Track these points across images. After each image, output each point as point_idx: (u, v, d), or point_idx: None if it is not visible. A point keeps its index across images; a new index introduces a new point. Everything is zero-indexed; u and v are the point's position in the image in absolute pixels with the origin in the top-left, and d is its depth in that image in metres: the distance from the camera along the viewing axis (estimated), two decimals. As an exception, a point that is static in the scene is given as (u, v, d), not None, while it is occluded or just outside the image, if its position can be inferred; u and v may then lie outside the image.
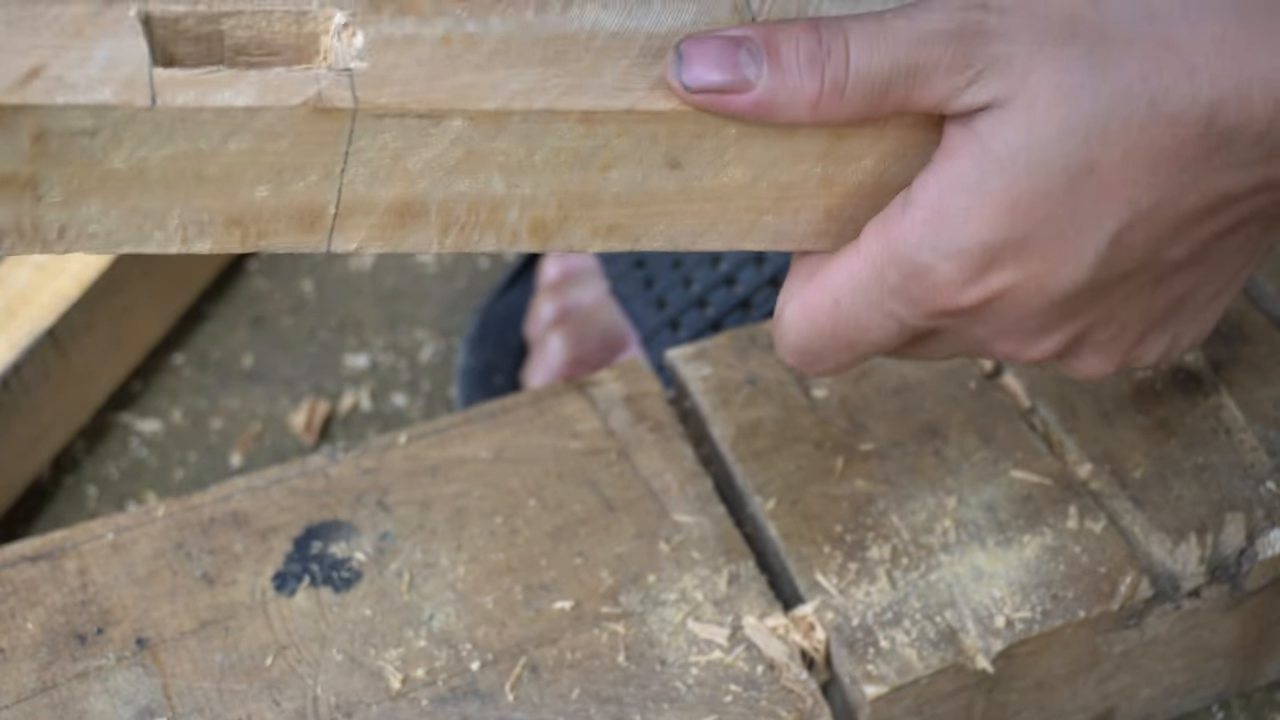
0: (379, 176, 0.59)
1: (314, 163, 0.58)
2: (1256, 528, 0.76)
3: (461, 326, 1.04)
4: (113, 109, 0.55)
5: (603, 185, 0.62)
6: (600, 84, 0.60)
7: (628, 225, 0.63)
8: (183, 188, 0.58)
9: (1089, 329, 0.64)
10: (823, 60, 0.59)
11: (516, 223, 0.62)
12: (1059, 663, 0.75)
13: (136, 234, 0.59)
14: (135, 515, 0.76)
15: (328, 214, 0.60)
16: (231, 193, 0.58)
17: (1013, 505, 0.77)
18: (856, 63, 0.59)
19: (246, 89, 0.56)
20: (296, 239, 0.60)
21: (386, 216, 0.61)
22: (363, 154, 0.59)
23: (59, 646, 0.72)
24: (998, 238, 0.60)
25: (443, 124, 0.58)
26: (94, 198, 0.57)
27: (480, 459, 0.79)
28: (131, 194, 0.57)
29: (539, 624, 0.73)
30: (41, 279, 0.93)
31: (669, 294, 0.95)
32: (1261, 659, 0.82)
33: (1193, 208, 0.60)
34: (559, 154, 0.60)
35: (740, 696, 0.71)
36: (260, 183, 0.58)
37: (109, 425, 0.99)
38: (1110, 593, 0.74)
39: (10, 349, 0.90)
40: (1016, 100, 0.58)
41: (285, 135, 0.57)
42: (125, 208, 0.58)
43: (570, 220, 0.63)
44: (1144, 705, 0.81)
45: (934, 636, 0.73)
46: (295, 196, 0.59)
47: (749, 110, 0.59)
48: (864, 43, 0.59)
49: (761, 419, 0.80)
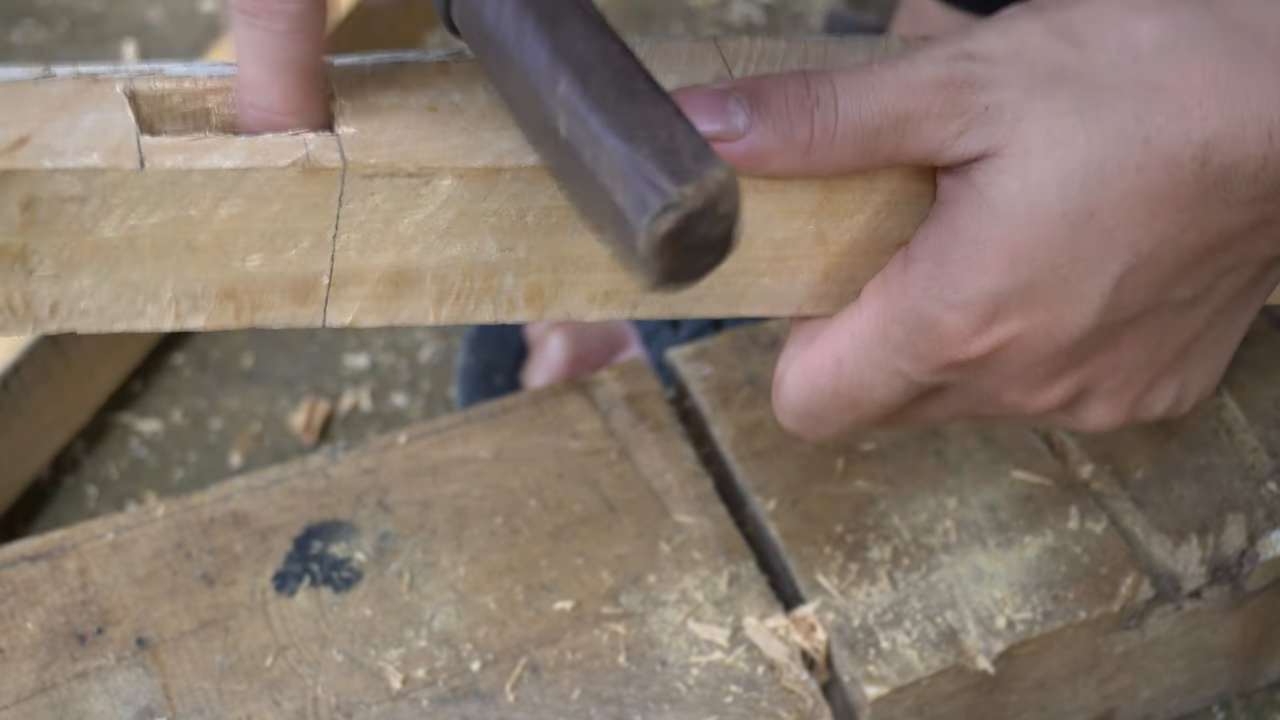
0: (371, 242, 0.59)
1: (305, 228, 0.58)
2: (1257, 528, 0.76)
3: (462, 326, 1.04)
4: (101, 173, 0.55)
5: (597, 248, 0.61)
6: None
7: (625, 289, 0.63)
8: (174, 257, 0.57)
9: (1097, 377, 0.64)
10: (811, 106, 0.58)
11: (513, 290, 0.62)
12: (1060, 663, 0.75)
13: (129, 309, 0.58)
14: (135, 515, 0.76)
15: (321, 284, 0.60)
16: (224, 262, 0.58)
17: (1013, 506, 0.77)
18: (845, 109, 0.58)
19: (235, 152, 0.56)
20: (291, 312, 0.60)
21: (381, 285, 0.60)
22: (354, 217, 0.58)
23: (59, 646, 0.72)
24: (1002, 287, 0.59)
25: (433, 183, 0.58)
26: (86, 270, 0.57)
27: (480, 459, 0.79)
28: (123, 265, 0.57)
29: (539, 624, 0.73)
30: (41, 279, 0.94)
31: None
32: (1262, 659, 0.82)
33: (1193, 247, 0.60)
34: (551, 214, 0.60)
35: (741, 697, 0.71)
36: (253, 251, 0.58)
37: (109, 425, 0.99)
38: (1111, 593, 0.74)
39: (10, 349, 0.90)
40: (1010, 148, 0.58)
41: (275, 199, 0.57)
42: (117, 280, 0.57)
43: (566, 285, 0.62)
44: (1144, 706, 0.81)
45: (935, 637, 0.73)
46: (288, 265, 0.59)
47: (741, 159, 0.59)
48: (852, 90, 0.58)
49: (762, 419, 0.80)
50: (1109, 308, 0.60)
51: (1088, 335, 0.61)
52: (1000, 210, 0.58)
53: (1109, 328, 0.61)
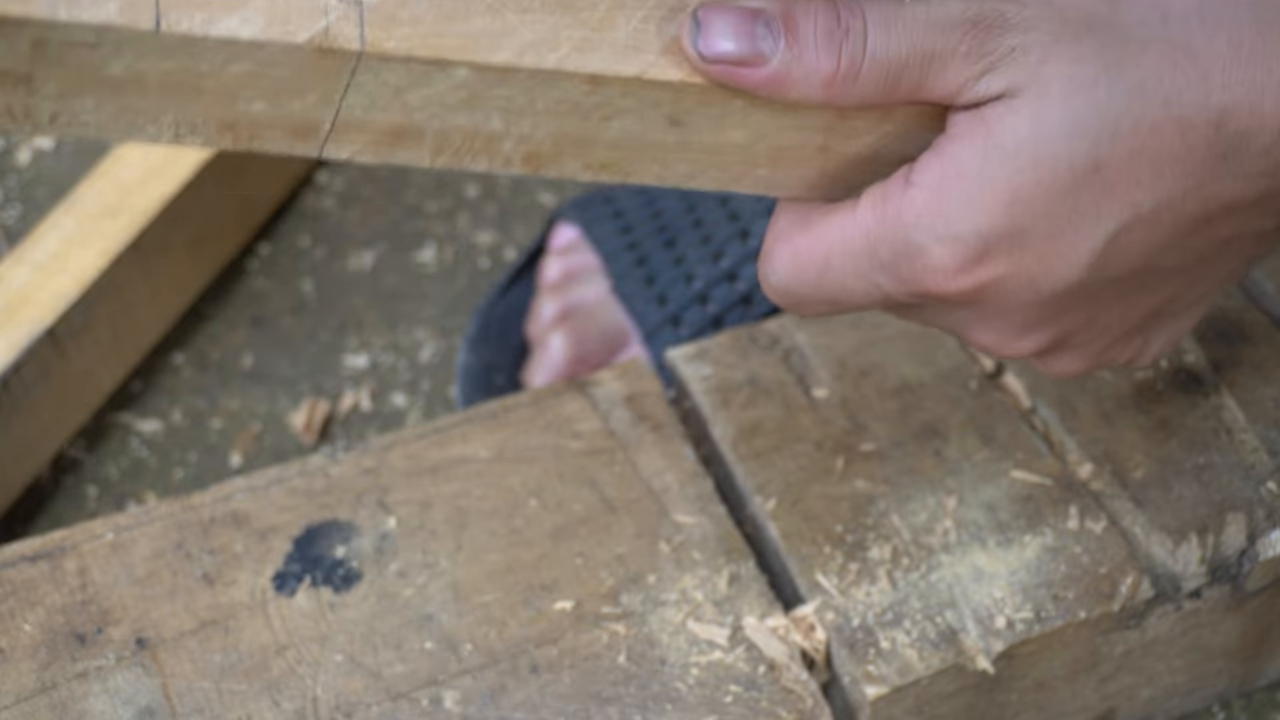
0: (377, 105, 0.59)
1: (313, 88, 0.58)
2: (1257, 528, 0.76)
3: (462, 326, 1.04)
4: (115, 29, 0.54)
5: (601, 131, 0.61)
6: (612, 40, 0.59)
7: (620, 164, 0.63)
8: (179, 96, 0.57)
9: (1070, 331, 0.64)
10: (840, 39, 0.58)
11: (510, 152, 0.62)
12: (1059, 663, 0.75)
13: (128, 127, 0.58)
14: (135, 515, 0.76)
15: (322, 130, 0.60)
16: (228, 104, 0.58)
17: (1013, 505, 0.77)
18: (874, 44, 0.58)
19: (254, 17, 0.56)
20: (289, 144, 0.60)
21: (381, 136, 0.60)
22: (363, 87, 0.58)
23: (59, 647, 0.72)
24: (995, 228, 0.59)
25: (448, 70, 0.58)
26: (89, 96, 0.56)
27: (480, 459, 0.79)
28: (126, 95, 0.57)
29: (539, 624, 0.73)
30: (41, 278, 0.94)
31: (670, 290, 0.94)
32: (1262, 659, 0.82)
33: (1192, 215, 0.60)
34: (561, 104, 0.60)
35: (740, 697, 0.71)
36: (258, 99, 0.58)
37: (109, 425, 0.99)
38: (1111, 593, 0.74)
39: (10, 349, 0.90)
40: (1028, 91, 0.58)
41: (287, 66, 0.57)
42: (119, 105, 0.57)
43: (565, 155, 0.62)
44: (1144, 706, 0.81)
45: (934, 637, 0.73)
46: (291, 114, 0.59)
47: (761, 85, 0.59)
48: (882, 24, 0.58)
49: (762, 419, 0.80)
50: (1097, 265, 0.60)
51: (1070, 289, 0.61)
52: (1008, 151, 0.58)
53: (1093, 285, 0.61)
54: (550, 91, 0.59)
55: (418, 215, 1.10)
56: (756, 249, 0.95)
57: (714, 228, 0.96)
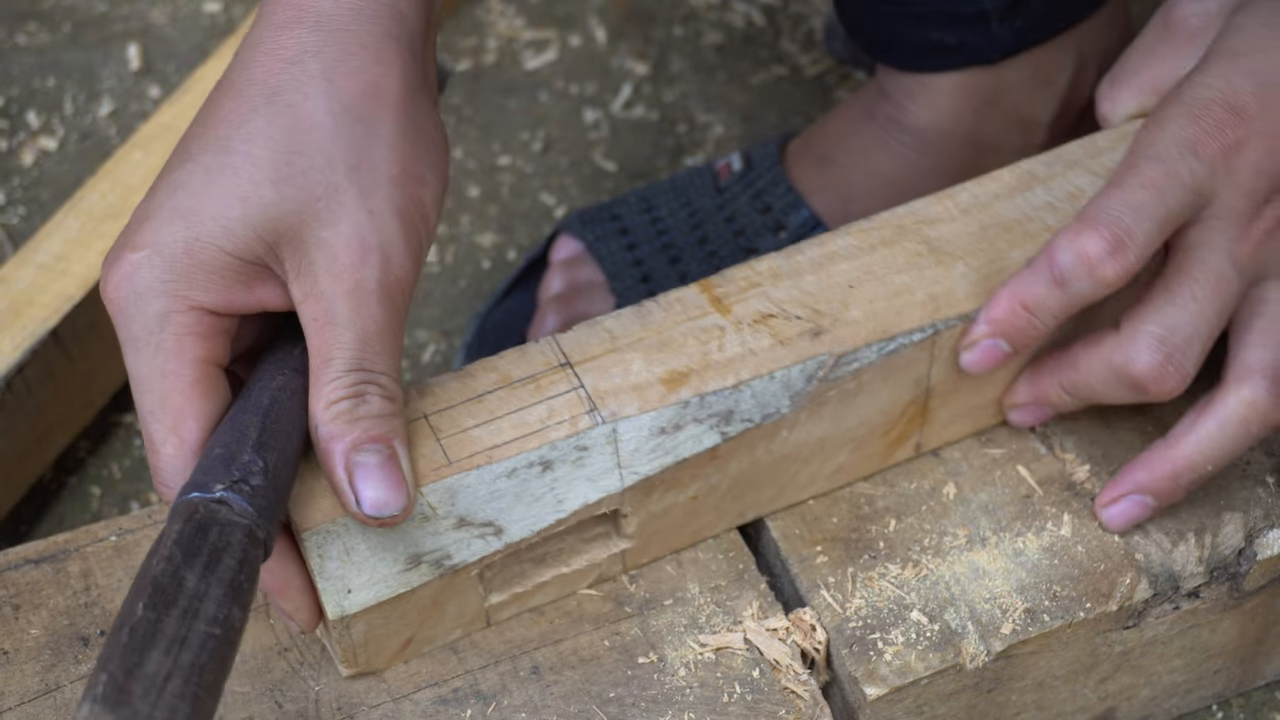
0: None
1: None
2: (1255, 528, 0.77)
3: (463, 327, 1.04)
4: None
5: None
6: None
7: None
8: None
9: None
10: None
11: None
12: (1058, 663, 0.76)
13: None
14: (138, 517, 0.76)
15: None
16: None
17: (1012, 506, 0.77)
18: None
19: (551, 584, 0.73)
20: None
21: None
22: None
23: (62, 648, 0.72)
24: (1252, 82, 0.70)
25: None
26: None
27: (482, 460, 0.79)
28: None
29: (539, 624, 0.74)
30: (45, 280, 0.94)
31: None
32: (1260, 659, 0.83)
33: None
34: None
35: (741, 697, 0.71)
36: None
37: (112, 425, 0.99)
38: (1109, 593, 0.75)
39: (14, 349, 0.90)
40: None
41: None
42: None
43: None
44: (1143, 705, 0.81)
45: (934, 637, 0.73)
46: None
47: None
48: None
49: (762, 420, 0.80)
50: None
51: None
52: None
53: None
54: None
55: (420, 216, 1.10)
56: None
57: (718, 244, 0.97)
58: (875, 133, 0.95)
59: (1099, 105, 0.79)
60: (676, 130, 1.14)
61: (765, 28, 1.20)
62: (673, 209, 0.99)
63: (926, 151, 0.94)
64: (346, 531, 0.65)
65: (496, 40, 1.20)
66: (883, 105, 0.95)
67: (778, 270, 0.73)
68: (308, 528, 0.65)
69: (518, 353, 0.71)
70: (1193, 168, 0.69)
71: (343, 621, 0.67)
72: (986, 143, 0.93)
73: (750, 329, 0.71)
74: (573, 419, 0.69)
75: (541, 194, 1.11)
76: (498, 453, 0.67)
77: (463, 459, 0.67)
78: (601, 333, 0.71)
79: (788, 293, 0.73)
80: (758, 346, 0.71)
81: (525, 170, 1.12)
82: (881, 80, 0.95)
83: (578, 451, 0.68)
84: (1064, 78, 0.92)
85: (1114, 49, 0.93)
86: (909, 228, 0.75)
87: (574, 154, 1.13)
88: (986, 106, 0.92)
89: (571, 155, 1.13)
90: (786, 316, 0.72)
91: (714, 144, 1.14)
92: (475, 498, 0.67)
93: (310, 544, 0.65)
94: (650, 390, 0.69)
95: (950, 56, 0.90)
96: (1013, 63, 0.91)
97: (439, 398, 0.69)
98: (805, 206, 0.96)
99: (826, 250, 0.74)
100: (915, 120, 0.93)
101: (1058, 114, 0.93)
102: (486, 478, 0.67)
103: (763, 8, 1.21)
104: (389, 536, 0.66)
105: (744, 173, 0.99)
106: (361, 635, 0.68)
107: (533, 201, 1.11)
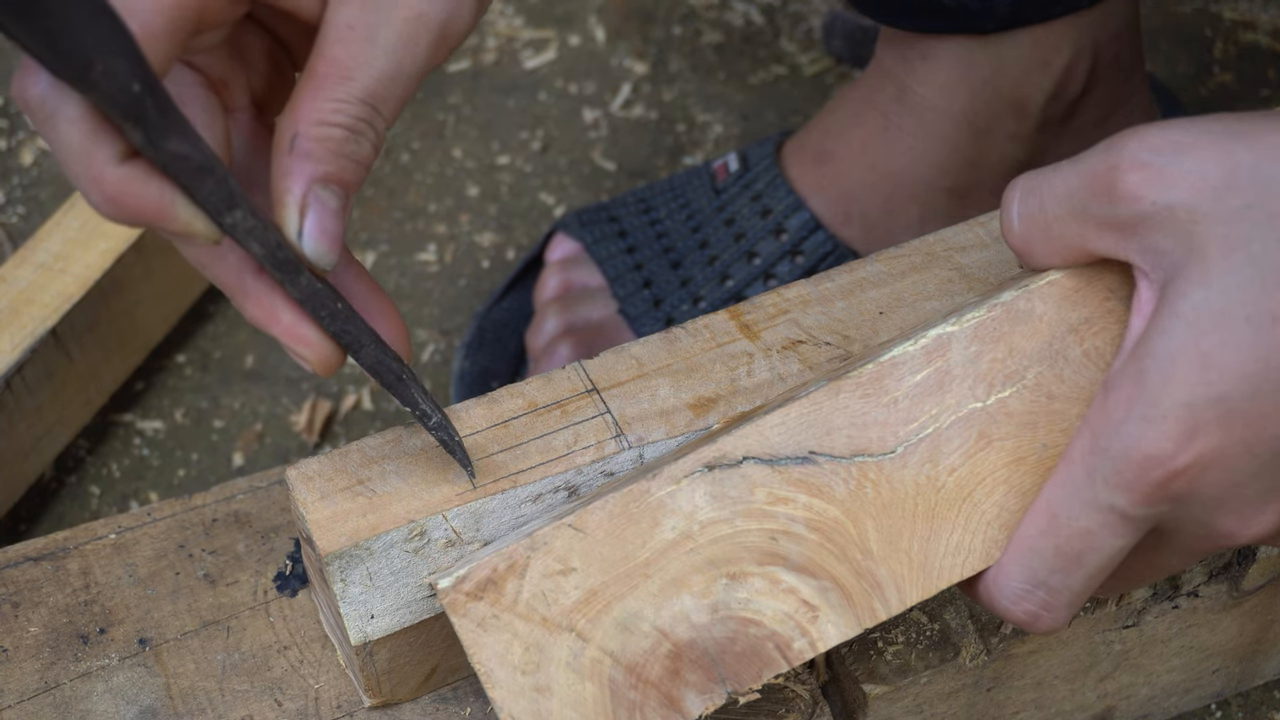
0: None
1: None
2: (1254, 528, 0.77)
3: (463, 326, 1.04)
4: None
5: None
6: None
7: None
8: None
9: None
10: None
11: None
12: (1057, 662, 0.76)
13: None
14: (137, 515, 0.77)
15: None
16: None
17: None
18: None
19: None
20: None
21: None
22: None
23: (62, 646, 0.72)
24: (1196, 397, 0.58)
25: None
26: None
27: (481, 459, 0.79)
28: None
29: (540, 624, 0.74)
30: (44, 279, 0.94)
31: (676, 312, 0.95)
32: (1259, 658, 0.83)
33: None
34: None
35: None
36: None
37: (112, 425, 0.99)
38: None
39: (13, 349, 0.90)
40: (1190, 258, 0.58)
41: None
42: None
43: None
44: (1142, 704, 0.81)
45: (934, 636, 0.73)
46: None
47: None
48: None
49: (761, 419, 0.80)
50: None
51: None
52: (1186, 318, 0.58)
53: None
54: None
55: (419, 216, 1.10)
56: (762, 270, 0.95)
57: (720, 249, 0.97)
58: (875, 121, 0.95)
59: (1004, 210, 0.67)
60: (676, 130, 1.15)
61: (764, 27, 1.20)
62: (670, 210, 0.99)
63: (925, 136, 0.93)
64: (370, 556, 0.65)
65: (496, 39, 1.20)
66: (885, 87, 0.94)
67: (807, 297, 0.73)
68: (330, 551, 0.65)
69: (543, 379, 0.71)
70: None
71: (365, 648, 0.67)
72: (981, 124, 0.93)
73: (779, 355, 0.71)
74: (599, 444, 0.68)
75: (541, 193, 1.11)
76: (523, 477, 0.67)
77: (487, 484, 0.67)
78: (628, 358, 0.71)
79: (817, 319, 0.72)
80: (787, 372, 0.71)
81: (524, 170, 1.12)
82: (882, 57, 0.95)
83: (604, 477, 0.68)
84: (1059, 61, 0.92)
85: (1116, 41, 0.93)
86: (939, 254, 0.75)
87: (573, 153, 1.13)
88: (983, 85, 0.92)
89: (571, 155, 1.13)
90: (816, 343, 0.71)
91: (713, 143, 1.14)
92: (500, 522, 0.67)
93: (333, 569, 0.65)
94: (677, 416, 0.69)
95: (947, 19, 0.90)
96: (1010, 40, 0.91)
97: (464, 422, 0.69)
98: (805, 209, 0.96)
99: (856, 277, 0.74)
100: (916, 100, 0.93)
101: (1050, 98, 0.93)
102: (511, 502, 0.67)
103: (762, 7, 1.21)
104: (413, 562, 0.66)
105: (741, 173, 0.99)
106: (385, 663, 0.68)
107: (532, 201, 1.11)
